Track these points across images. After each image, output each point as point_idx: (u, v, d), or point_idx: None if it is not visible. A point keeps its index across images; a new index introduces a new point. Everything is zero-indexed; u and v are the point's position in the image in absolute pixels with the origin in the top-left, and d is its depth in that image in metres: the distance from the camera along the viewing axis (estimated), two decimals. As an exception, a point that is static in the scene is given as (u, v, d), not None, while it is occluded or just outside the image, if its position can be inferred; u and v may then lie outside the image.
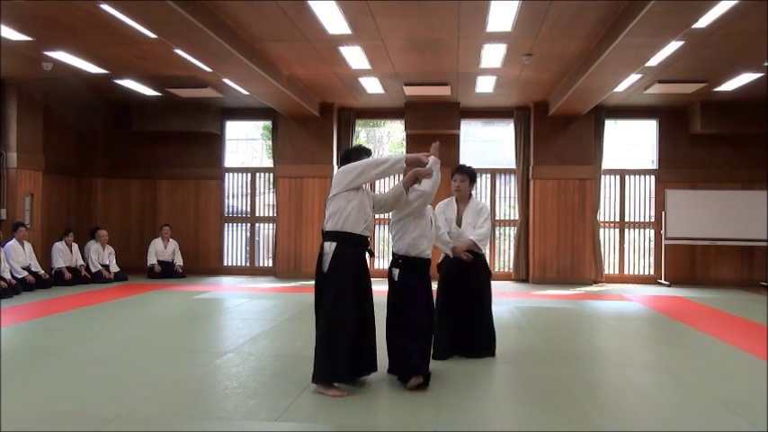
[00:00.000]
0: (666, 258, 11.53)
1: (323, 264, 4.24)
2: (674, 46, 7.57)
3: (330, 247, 4.22)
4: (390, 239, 4.69)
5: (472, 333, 5.22)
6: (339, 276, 4.18)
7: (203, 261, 12.38)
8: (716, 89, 9.99)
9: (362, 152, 4.45)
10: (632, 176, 12.06)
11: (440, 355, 5.04)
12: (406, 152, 12.12)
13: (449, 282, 5.27)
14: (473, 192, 5.47)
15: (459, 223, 5.33)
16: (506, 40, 7.79)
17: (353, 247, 4.24)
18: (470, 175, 5.37)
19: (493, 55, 8.40)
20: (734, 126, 11.08)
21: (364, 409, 3.96)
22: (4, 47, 7.94)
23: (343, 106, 12.04)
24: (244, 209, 12.78)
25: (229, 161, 13.14)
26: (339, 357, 4.12)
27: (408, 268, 4.52)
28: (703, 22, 6.67)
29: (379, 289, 4.49)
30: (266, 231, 12.85)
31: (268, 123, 13.23)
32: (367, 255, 4.40)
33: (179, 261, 11.73)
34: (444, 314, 5.17)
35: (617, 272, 11.97)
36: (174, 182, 12.49)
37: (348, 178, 4.24)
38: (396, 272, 4.51)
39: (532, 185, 11.62)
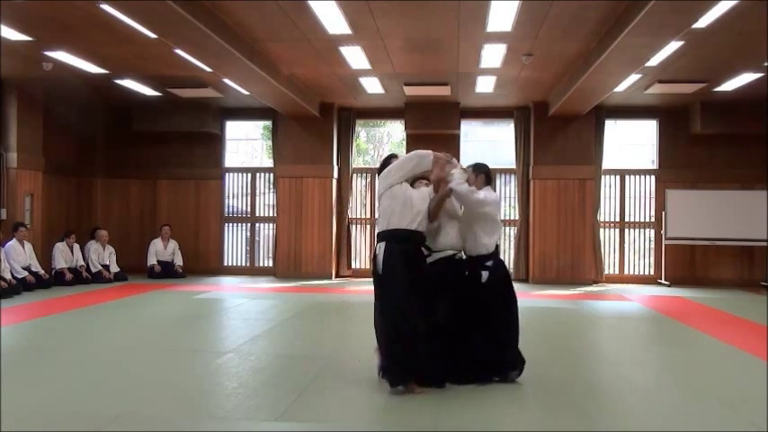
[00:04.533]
0: (666, 258, 11.52)
1: (377, 266, 4.29)
2: (674, 46, 7.57)
3: (380, 248, 4.29)
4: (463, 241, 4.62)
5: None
6: (394, 275, 4.18)
7: (203, 261, 12.37)
8: (716, 89, 9.99)
9: (395, 158, 4.65)
10: (632, 176, 12.06)
11: None
12: (406, 152, 12.06)
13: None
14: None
15: None
16: (506, 40, 7.79)
17: (402, 242, 4.24)
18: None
19: (493, 55, 8.39)
20: (734, 126, 11.08)
21: (364, 409, 3.96)
22: (4, 47, 7.94)
23: (343, 106, 12.04)
24: (244, 209, 12.78)
25: (229, 161, 13.15)
26: (408, 356, 4.08)
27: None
28: (703, 22, 6.67)
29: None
30: (266, 231, 12.85)
31: (268, 123, 13.22)
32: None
33: (179, 261, 11.73)
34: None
35: (617, 272, 11.96)
36: (174, 182, 12.48)
37: (387, 179, 4.39)
38: (485, 275, 4.52)
39: (532, 185, 11.62)
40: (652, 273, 11.89)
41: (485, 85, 10.13)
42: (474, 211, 4.56)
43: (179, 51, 7.87)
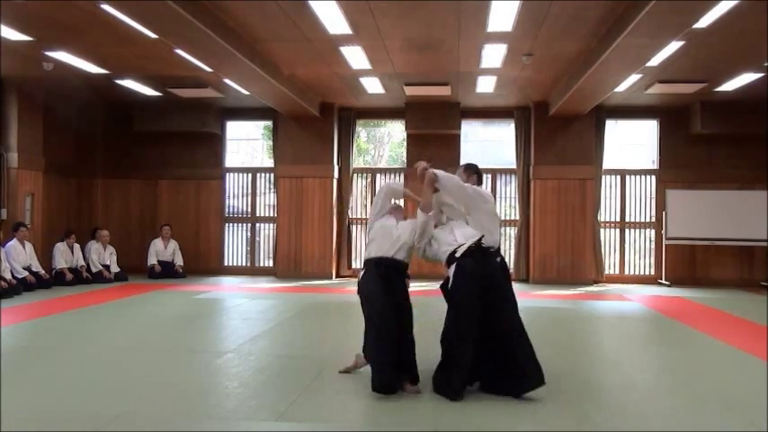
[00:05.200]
0: (667, 258, 11.52)
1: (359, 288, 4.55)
2: (674, 46, 7.57)
3: (360, 274, 4.56)
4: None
5: None
6: (370, 292, 4.35)
7: (203, 261, 12.38)
8: (716, 89, 9.99)
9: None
10: (633, 176, 12.06)
11: None
12: (406, 152, 12.17)
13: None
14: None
15: None
16: (506, 40, 7.79)
17: (376, 268, 4.43)
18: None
19: (493, 55, 8.40)
20: (734, 126, 11.08)
21: (364, 409, 3.96)
22: (4, 47, 7.94)
23: (344, 106, 12.04)
24: (244, 209, 12.78)
25: (230, 161, 13.16)
26: (388, 364, 4.14)
27: None
28: (703, 22, 6.67)
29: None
30: (267, 231, 12.85)
31: (268, 123, 13.24)
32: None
33: (179, 261, 11.73)
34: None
35: (617, 272, 11.96)
36: (174, 182, 12.49)
37: (370, 220, 4.75)
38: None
39: (533, 185, 11.62)
40: (652, 273, 11.89)
41: (485, 85, 10.13)
42: (463, 199, 4.49)
43: (179, 51, 7.87)
